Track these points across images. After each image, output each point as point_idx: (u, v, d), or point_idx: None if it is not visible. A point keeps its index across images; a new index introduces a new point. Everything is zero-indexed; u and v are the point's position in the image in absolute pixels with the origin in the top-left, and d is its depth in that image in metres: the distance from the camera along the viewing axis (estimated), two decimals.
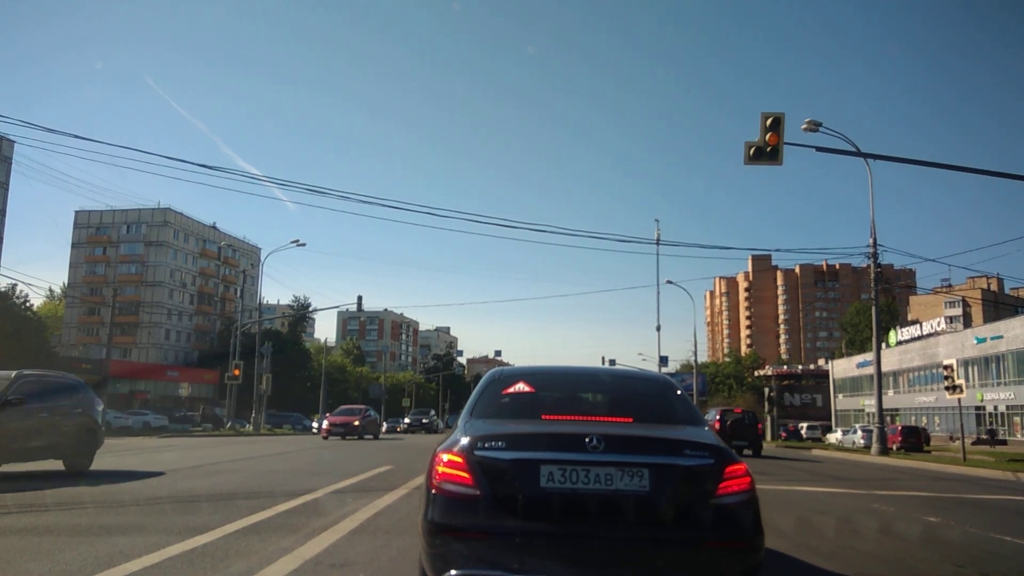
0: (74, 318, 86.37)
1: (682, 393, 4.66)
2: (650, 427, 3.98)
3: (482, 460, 3.43)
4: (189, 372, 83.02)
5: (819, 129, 22.28)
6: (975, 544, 7.17)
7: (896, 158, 20.33)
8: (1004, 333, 48.82)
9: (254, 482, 11.11)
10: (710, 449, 3.55)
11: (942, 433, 52.44)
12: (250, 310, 56.21)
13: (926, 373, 58.46)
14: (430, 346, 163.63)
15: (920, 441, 40.15)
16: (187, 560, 5.10)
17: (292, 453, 19.40)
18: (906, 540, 7.39)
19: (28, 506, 7.82)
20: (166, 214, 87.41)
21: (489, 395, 4.43)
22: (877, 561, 6.11)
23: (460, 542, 3.33)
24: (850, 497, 11.73)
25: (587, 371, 5.53)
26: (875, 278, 29.03)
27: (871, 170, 26.95)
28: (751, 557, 3.41)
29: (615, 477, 3.38)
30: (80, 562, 4.97)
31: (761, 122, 15.77)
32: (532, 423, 4.03)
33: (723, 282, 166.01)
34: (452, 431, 4.00)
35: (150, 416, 48.26)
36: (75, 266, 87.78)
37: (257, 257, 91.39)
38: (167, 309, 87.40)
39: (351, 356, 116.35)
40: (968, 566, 5.87)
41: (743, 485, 3.48)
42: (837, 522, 8.32)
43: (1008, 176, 19.79)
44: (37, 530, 6.30)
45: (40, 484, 10.12)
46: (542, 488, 3.36)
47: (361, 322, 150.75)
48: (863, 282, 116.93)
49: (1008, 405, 48.64)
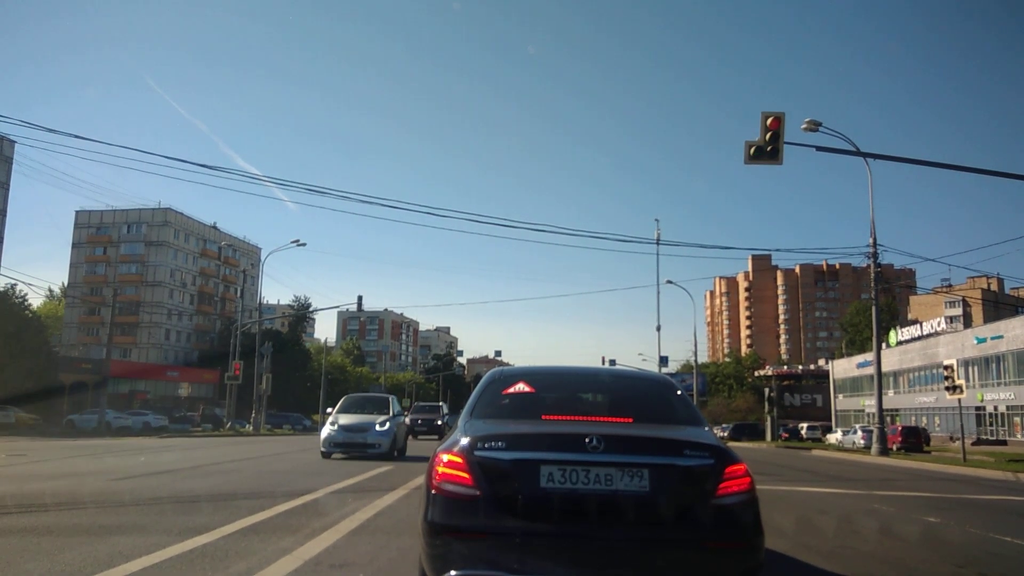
0: (74, 318, 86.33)
1: (682, 393, 4.66)
2: (650, 427, 3.99)
3: (482, 460, 3.43)
4: (189, 372, 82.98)
5: (819, 129, 22.29)
6: (975, 544, 7.17)
7: (896, 158, 20.36)
8: (1004, 333, 48.79)
9: (254, 482, 11.12)
10: (710, 449, 3.56)
11: (942, 433, 52.42)
12: (250, 310, 56.23)
13: (926, 373, 58.43)
14: (430, 346, 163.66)
15: (920, 441, 40.13)
16: (187, 560, 5.10)
17: (292, 453, 19.40)
18: (906, 540, 7.38)
19: (28, 506, 7.81)
20: (166, 214, 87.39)
21: (489, 395, 4.43)
22: (877, 561, 6.11)
23: (460, 542, 3.33)
24: (850, 497, 11.73)
25: (587, 371, 5.53)
26: (875, 278, 29.03)
27: (871, 170, 26.99)
28: (751, 557, 3.42)
29: (615, 477, 3.38)
30: (80, 562, 4.98)
31: (761, 122, 15.77)
32: (532, 423, 4.03)
33: (723, 282, 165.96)
34: (452, 431, 4.01)
35: (150, 416, 48.23)
36: (75, 266, 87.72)
37: (257, 257, 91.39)
38: (167, 309, 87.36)
39: (351, 356, 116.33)
40: (968, 566, 5.87)
41: (743, 485, 3.48)
42: (837, 522, 8.32)
43: (1008, 176, 19.81)
44: (37, 530, 6.30)
45: (40, 484, 10.13)
46: (542, 488, 3.36)
47: (361, 322, 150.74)
48: (863, 282, 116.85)
49: (1008, 405, 48.61)
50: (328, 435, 15.88)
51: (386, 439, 15.74)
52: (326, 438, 15.92)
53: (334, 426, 15.95)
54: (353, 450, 15.75)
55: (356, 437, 15.76)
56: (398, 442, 16.50)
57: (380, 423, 16.03)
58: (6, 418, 41.36)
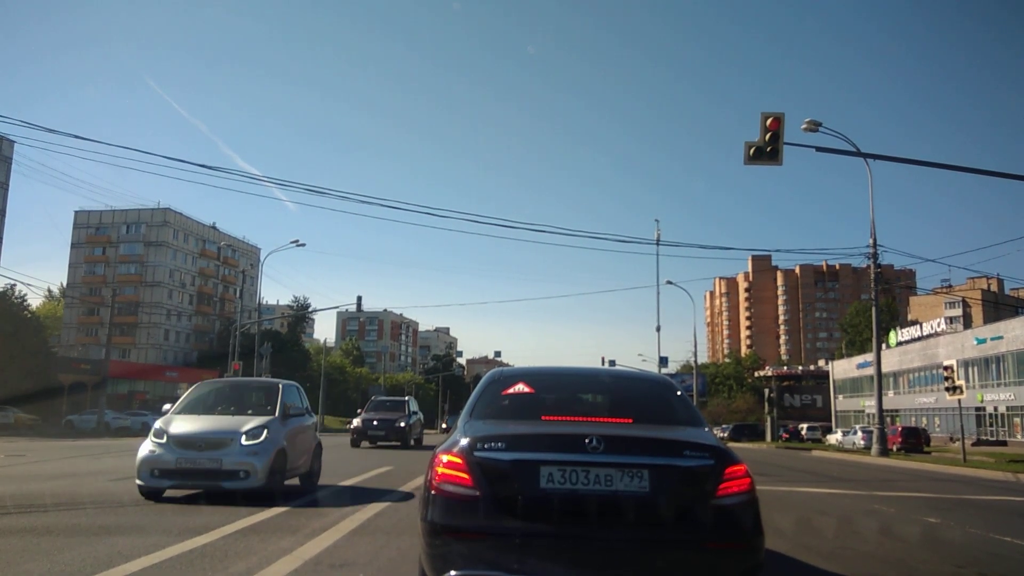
0: (73, 318, 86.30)
1: (682, 394, 4.66)
2: (650, 428, 3.98)
3: (482, 461, 3.43)
4: (188, 372, 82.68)
5: (819, 129, 22.27)
6: (975, 545, 7.17)
7: (896, 158, 20.36)
8: (1004, 334, 48.77)
9: None
10: (710, 450, 3.55)
11: (942, 434, 52.41)
12: (249, 310, 56.23)
13: (926, 374, 58.40)
14: (430, 347, 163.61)
15: (920, 442, 40.13)
16: (187, 561, 5.10)
17: None
18: (906, 541, 7.38)
19: (28, 506, 7.81)
20: (166, 214, 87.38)
21: (489, 396, 4.43)
22: (877, 562, 6.11)
23: (460, 543, 3.33)
24: (850, 498, 11.73)
25: (587, 372, 5.53)
26: (875, 278, 29.02)
27: (871, 170, 26.95)
28: (751, 558, 3.41)
29: (615, 478, 3.38)
30: (80, 562, 4.97)
31: (761, 122, 15.76)
32: (532, 424, 4.03)
33: (723, 282, 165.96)
34: (452, 432, 4.00)
35: (149, 417, 48.12)
36: (74, 266, 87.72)
37: (257, 257, 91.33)
38: (166, 309, 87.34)
39: (351, 357, 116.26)
40: (968, 567, 5.87)
41: (743, 486, 3.48)
42: (837, 523, 8.31)
43: (1008, 176, 19.82)
44: (37, 530, 6.29)
45: (40, 484, 10.12)
46: (542, 489, 3.36)
47: (361, 322, 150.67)
48: (863, 282, 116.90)
49: (1008, 406, 48.59)
50: (150, 456, 8.48)
51: (259, 461, 8.46)
52: (146, 460, 8.46)
53: (162, 439, 8.61)
54: (197, 483, 8.61)
55: (201, 460, 8.43)
56: (294, 463, 9.50)
57: (249, 432, 8.67)
58: (5, 418, 41.37)
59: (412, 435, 23.45)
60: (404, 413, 23.43)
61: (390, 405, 24.77)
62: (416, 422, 24.56)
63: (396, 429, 22.61)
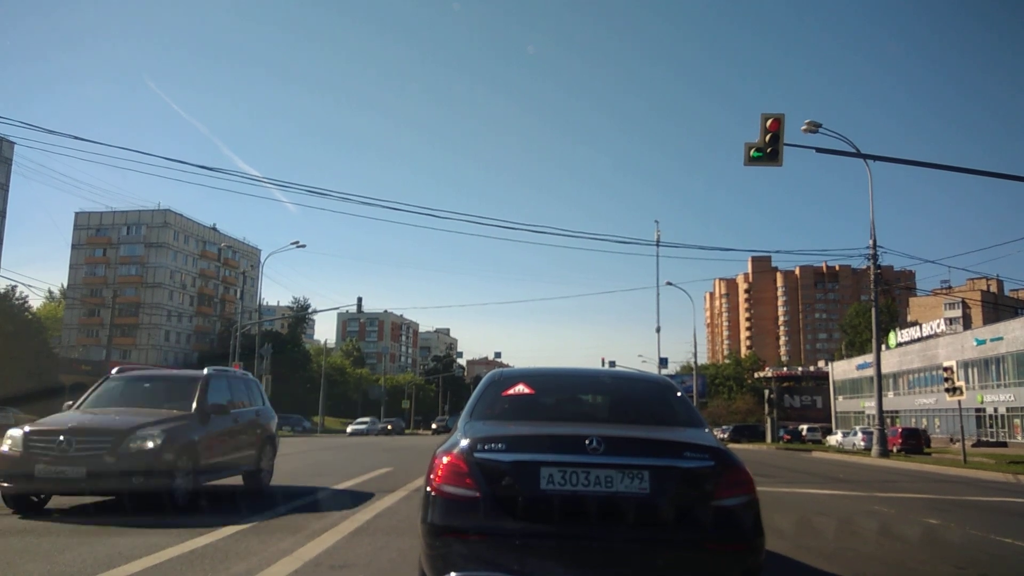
0: (74, 319, 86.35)
1: (682, 395, 4.67)
2: (650, 429, 3.99)
3: (482, 462, 3.43)
4: None
5: (819, 130, 22.25)
6: (975, 546, 7.17)
7: (896, 159, 20.35)
8: (1004, 335, 48.76)
9: None
10: (711, 451, 3.55)
11: (942, 435, 52.40)
12: (250, 311, 56.24)
13: (926, 375, 58.39)
14: (430, 348, 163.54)
15: (920, 443, 40.08)
16: (187, 561, 5.10)
17: (292, 455, 19.37)
18: (906, 542, 7.38)
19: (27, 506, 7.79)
20: (166, 215, 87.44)
21: (489, 397, 4.43)
22: (877, 563, 6.11)
23: (460, 543, 3.33)
24: (850, 499, 11.72)
25: (587, 373, 5.53)
26: (875, 279, 29.02)
27: (871, 171, 26.97)
28: (751, 559, 3.42)
29: (615, 479, 3.38)
30: (80, 563, 4.97)
31: (761, 123, 15.76)
32: (532, 425, 4.02)
33: (723, 283, 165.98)
34: (452, 433, 4.00)
35: None
36: (75, 267, 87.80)
37: (257, 258, 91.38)
38: (167, 310, 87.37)
39: (351, 358, 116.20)
40: (968, 568, 5.87)
41: (744, 487, 3.48)
42: (837, 524, 8.31)
43: (1008, 176, 19.83)
44: (37, 531, 6.30)
45: None
46: (542, 490, 3.36)
47: (361, 323, 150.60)
48: (863, 283, 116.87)
49: (1008, 407, 48.59)
50: None
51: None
52: None
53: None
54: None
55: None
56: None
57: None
58: (6, 419, 41.19)
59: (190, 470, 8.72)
60: (175, 415, 8.56)
61: (151, 390, 9.27)
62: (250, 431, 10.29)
63: (106, 464, 7.57)
